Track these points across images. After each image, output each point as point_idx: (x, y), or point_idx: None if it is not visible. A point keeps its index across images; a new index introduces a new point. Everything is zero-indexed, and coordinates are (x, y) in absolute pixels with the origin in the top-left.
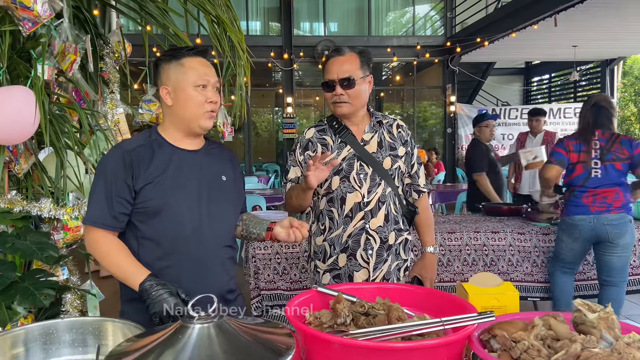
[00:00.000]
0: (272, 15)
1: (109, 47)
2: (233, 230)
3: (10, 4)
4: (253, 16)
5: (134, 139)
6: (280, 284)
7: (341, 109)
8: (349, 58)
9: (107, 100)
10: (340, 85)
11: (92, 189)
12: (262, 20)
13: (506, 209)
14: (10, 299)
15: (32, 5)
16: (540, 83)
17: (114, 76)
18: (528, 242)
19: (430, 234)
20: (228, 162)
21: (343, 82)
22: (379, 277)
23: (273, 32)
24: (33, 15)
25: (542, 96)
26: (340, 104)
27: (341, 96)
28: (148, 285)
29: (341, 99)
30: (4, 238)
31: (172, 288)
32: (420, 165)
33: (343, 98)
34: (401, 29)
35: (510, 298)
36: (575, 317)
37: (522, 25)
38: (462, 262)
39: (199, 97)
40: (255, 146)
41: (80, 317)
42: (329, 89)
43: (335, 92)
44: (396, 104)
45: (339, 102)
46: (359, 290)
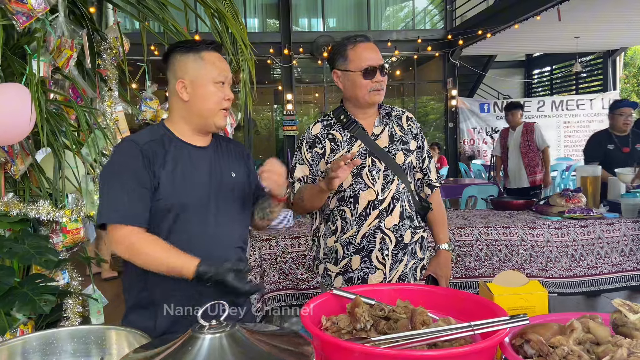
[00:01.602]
0: (270, 12)
1: (107, 43)
2: (244, 230)
3: None
4: (251, 13)
5: (143, 133)
6: (286, 283)
7: (380, 96)
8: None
9: (106, 98)
10: (380, 72)
11: (107, 186)
12: (260, 17)
13: (515, 202)
14: (9, 306)
15: None
16: (541, 75)
17: (112, 73)
18: (540, 236)
19: (444, 231)
20: (238, 157)
21: (382, 69)
22: (394, 279)
23: (271, 29)
24: (27, 9)
25: (544, 88)
26: (380, 92)
27: (382, 83)
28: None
29: (381, 86)
30: (1, 242)
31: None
32: (431, 159)
33: (383, 85)
34: (400, 23)
35: (538, 298)
36: (615, 318)
37: (524, 16)
38: (475, 257)
39: (219, 94)
40: (256, 144)
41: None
42: (369, 75)
43: (376, 79)
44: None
45: (380, 89)
46: (376, 292)
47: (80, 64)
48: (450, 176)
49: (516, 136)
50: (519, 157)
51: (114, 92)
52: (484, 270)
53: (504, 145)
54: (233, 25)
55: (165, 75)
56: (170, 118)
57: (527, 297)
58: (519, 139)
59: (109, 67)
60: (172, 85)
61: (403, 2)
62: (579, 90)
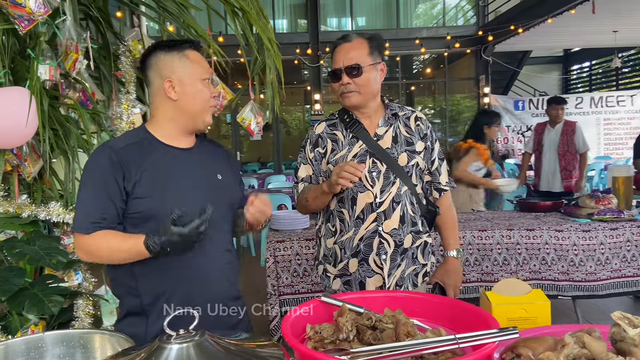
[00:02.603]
0: (299, 12)
1: (125, 45)
2: (231, 233)
3: (1, 1)
4: (279, 14)
5: (123, 137)
6: (300, 287)
7: (349, 100)
8: (356, 44)
9: (123, 100)
10: (347, 74)
11: (78, 193)
12: (288, 17)
13: (542, 204)
14: (20, 306)
15: (24, 2)
16: (581, 71)
17: (129, 75)
18: (566, 239)
19: (453, 236)
20: (223, 159)
21: (350, 70)
22: (392, 284)
23: (301, 29)
24: (26, 12)
25: (583, 85)
26: (348, 94)
27: (348, 85)
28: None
29: (348, 89)
30: (13, 243)
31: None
32: (443, 161)
33: (350, 87)
34: (432, 20)
35: (540, 308)
36: (614, 332)
37: (558, 10)
38: (493, 261)
39: (207, 91)
40: (286, 144)
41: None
42: (335, 78)
43: (342, 82)
44: (428, 97)
45: (347, 92)
46: (370, 299)
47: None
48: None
49: (554, 134)
50: (556, 159)
51: (131, 95)
52: (501, 274)
53: (538, 142)
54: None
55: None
56: (153, 120)
57: (528, 307)
58: (558, 138)
59: (127, 69)
60: (158, 85)
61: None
62: (619, 86)
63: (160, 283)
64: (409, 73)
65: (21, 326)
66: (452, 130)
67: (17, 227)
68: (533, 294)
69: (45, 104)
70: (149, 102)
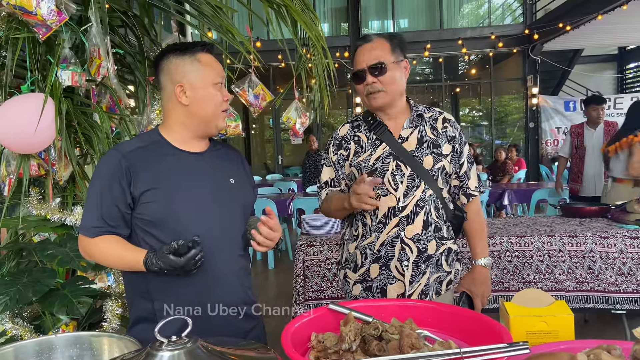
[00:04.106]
0: (340, 16)
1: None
2: (244, 238)
3: (13, 9)
4: (321, 17)
5: (133, 140)
6: (329, 292)
7: (376, 101)
8: (377, 44)
9: (156, 106)
10: (370, 74)
11: (87, 196)
12: (330, 21)
13: (588, 209)
14: (50, 307)
15: (35, 9)
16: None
17: None
18: (612, 247)
19: (482, 244)
20: (236, 163)
21: (374, 70)
22: (416, 292)
23: (344, 33)
24: (38, 20)
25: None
26: (375, 95)
27: (374, 85)
28: (149, 263)
29: (374, 88)
30: (45, 245)
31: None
32: (472, 165)
33: (376, 86)
34: (477, 20)
35: (562, 321)
36: (636, 350)
37: (610, 6)
38: (534, 269)
39: (219, 95)
40: None
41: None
42: (359, 80)
43: (366, 82)
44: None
45: (373, 92)
46: (381, 307)
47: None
48: (530, 179)
49: (596, 136)
50: (600, 161)
51: None
52: (544, 283)
53: (577, 145)
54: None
55: (157, 79)
56: (165, 124)
57: (549, 320)
58: (601, 139)
59: None
60: (169, 90)
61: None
62: None
63: (173, 287)
64: (454, 74)
65: (53, 326)
66: (499, 132)
67: (49, 230)
68: (555, 305)
69: (64, 109)
70: (162, 106)
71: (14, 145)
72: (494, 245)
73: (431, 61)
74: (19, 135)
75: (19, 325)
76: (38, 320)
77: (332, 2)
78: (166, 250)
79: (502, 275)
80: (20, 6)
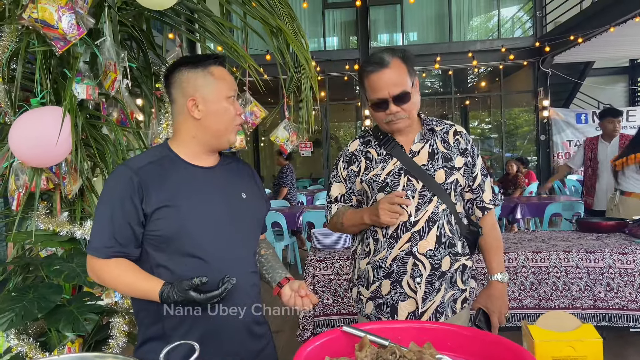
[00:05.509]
0: (350, 29)
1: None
2: (255, 254)
3: (34, 23)
4: (330, 31)
5: (143, 155)
6: (340, 307)
7: (398, 126)
8: (395, 68)
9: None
10: (394, 103)
11: (95, 214)
12: (339, 34)
13: (605, 224)
14: (56, 323)
15: (56, 23)
16: None
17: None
18: (632, 263)
19: (498, 259)
20: (247, 177)
21: (398, 100)
22: (430, 310)
23: (354, 46)
24: (59, 34)
25: None
26: (397, 121)
27: (397, 113)
28: (165, 295)
29: (398, 117)
30: (52, 260)
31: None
32: (486, 177)
33: (400, 115)
34: (487, 33)
35: (591, 346)
36: None
37: (621, 19)
38: (551, 286)
39: (232, 109)
40: None
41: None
42: (380, 108)
43: (389, 111)
44: (483, 111)
45: (396, 120)
46: (398, 330)
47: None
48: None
49: (611, 150)
50: None
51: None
52: (561, 301)
53: (591, 159)
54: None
55: (167, 93)
56: (176, 138)
57: (576, 345)
58: (616, 153)
59: None
60: (181, 104)
61: (488, 11)
62: None
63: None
64: (463, 87)
65: (59, 343)
66: (509, 145)
67: (56, 245)
68: (583, 329)
69: (79, 123)
70: (172, 119)
71: (30, 159)
72: (509, 261)
73: (440, 74)
74: (35, 149)
75: (24, 342)
76: (44, 336)
77: (341, 16)
78: (187, 286)
79: (519, 292)
80: (42, 20)
